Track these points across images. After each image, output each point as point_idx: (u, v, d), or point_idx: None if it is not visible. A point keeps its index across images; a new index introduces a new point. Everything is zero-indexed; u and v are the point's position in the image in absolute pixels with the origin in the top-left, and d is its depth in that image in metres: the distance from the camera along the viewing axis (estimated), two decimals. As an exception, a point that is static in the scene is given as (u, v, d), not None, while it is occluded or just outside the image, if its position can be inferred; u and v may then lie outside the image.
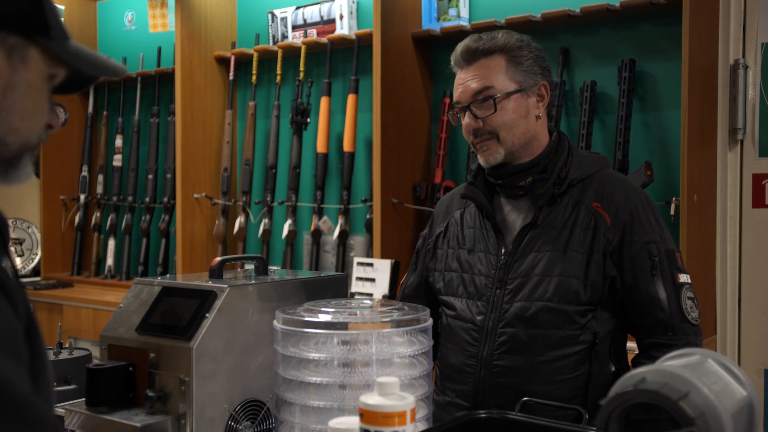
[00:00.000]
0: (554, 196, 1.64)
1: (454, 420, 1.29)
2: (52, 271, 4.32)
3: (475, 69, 1.66)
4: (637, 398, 0.90)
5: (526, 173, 1.67)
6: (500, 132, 1.65)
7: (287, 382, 1.35)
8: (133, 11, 4.30)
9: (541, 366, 1.59)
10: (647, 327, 1.62)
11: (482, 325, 1.64)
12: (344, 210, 3.30)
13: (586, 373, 1.59)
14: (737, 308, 2.61)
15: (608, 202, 1.63)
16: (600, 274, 1.59)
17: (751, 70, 2.58)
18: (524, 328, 1.60)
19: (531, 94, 1.68)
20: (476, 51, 1.66)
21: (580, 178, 1.66)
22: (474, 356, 1.65)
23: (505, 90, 1.65)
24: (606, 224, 1.61)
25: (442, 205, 1.87)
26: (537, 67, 1.69)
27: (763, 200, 2.58)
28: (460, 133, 3.07)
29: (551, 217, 1.64)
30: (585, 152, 1.74)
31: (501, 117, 1.64)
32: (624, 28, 2.73)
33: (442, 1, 3.03)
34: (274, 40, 3.56)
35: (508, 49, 1.67)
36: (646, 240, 1.61)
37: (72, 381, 1.75)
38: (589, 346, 1.59)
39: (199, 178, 3.70)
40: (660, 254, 1.61)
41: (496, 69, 1.65)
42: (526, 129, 1.67)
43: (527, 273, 1.62)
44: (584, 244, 1.60)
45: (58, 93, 0.98)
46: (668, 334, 1.59)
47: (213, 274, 1.59)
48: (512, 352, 1.61)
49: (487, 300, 1.65)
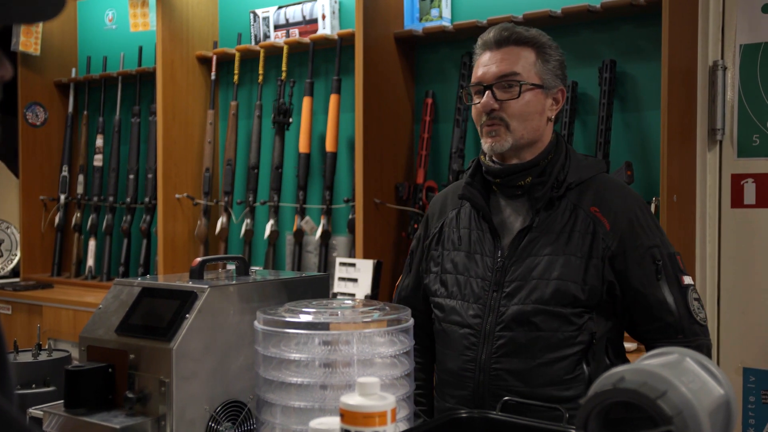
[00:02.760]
0: (552, 199, 1.64)
1: (435, 420, 1.29)
2: (32, 272, 4.28)
3: (504, 53, 1.66)
4: (615, 397, 0.90)
5: (525, 173, 1.66)
6: (513, 121, 1.64)
7: (268, 382, 1.35)
8: (114, 10, 4.27)
9: (540, 368, 1.58)
10: (657, 331, 1.61)
11: (480, 328, 1.63)
12: (326, 210, 3.29)
13: (586, 374, 1.59)
14: (716, 307, 2.63)
15: (607, 207, 1.63)
16: (598, 279, 1.59)
17: (729, 71, 2.61)
18: (522, 331, 1.59)
19: (549, 95, 1.68)
20: (509, 37, 1.66)
21: (578, 182, 1.66)
22: (473, 360, 1.63)
23: (530, 81, 1.65)
24: (605, 229, 1.60)
25: (436, 204, 1.85)
26: (560, 71, 1.70)
27: (741, 200, 2.61)
28: (443, 133, 3.10)
29: (549, 220, 1.63)
30: (582, 156, 1.73)
31: (520, 106, 1.64)
32: (605, 30, 2.75)
33: (424, 2, 3.03)
34: (256, 40, 3.55)
35: (540, 45, 1.67)
36: (648, 245, 1.61)
37: (51, 383, 1.73)
38: (587, 347, 1.59)
39: (181, 178, 3.68)
40: (663, 258, 1.62)
41: (525, 59, 1.66)
42: (538, 126, 1.66)
43: (524, 276, 1.61)
44: (583, 248, 1.59)
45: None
46: (679, 337, 1.59)
47: (194, 275, 1.58)
48: (511, 355, 1.60)
49: (483, 303, 1.63)
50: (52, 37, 4.29)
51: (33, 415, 1.50)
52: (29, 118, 4.25)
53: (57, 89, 4.36)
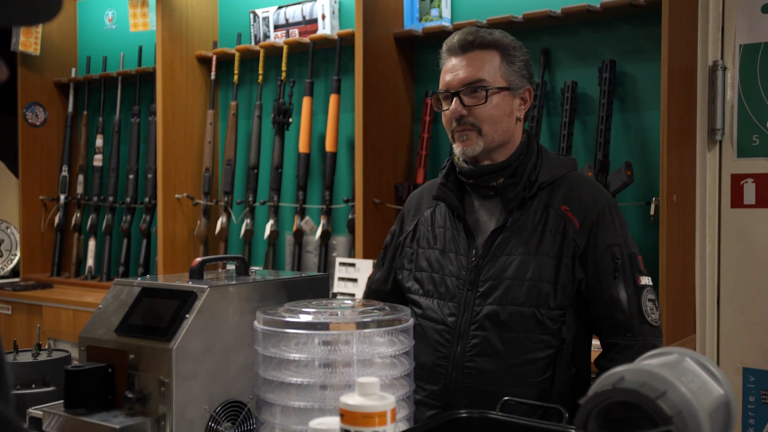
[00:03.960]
0: (524, 199, 1.66)
1: (435, 420, 1.29)
2: (32, 272, 4.28)
3: (469, 58, 1.67)
4: (615, 397, 0.90)
5: (497, 174, 1.68)
6: (483, 125, 1.66)
7: (268, 382, 1.35)
8: (114, 10, 4.27)
9: (511, 369, 1.62)
10: (608, 328, 1.65)
11: (454, 326, 1.66)
12: (326, 210, 3.29)
13: (551, 377, 1.62)
14: (716, 307, 2.63)
15: (576, 205, 1.66)
16: (569, 278, 1.62)
17: (729, 71, 2.61)
18: (496, 332, 1.62)
19: (516, 96, 1.70)
20: (474, 42, 1.67)
21: (550, 181, 1.68)
22: (446, 357, 1.66)
23: (496, 85, 1.66)
24: (575, 228, 1.63)
25: (411, 202, 1.87)
26: (525, 71, 1.71)
27: (741, 200, 2.60)
28: (443, 133, 3.10)
29: (521, 220, 1.66)
30: (554, 154, 1.76)
31: (488, 110, 1.66)
32: (604, 30, 2.75)
33: (424, 2, 3.03)
34: (256, 40, 3.55)
35: (503, 47, 1.68)
36: (609, 243, 1.64)
37: (50, 383, 1.73)
38: (556, 351, 1.62)
39: (181, 179, 3.68)
40: (623, 257, 1.65)
41: (490, 62, 1.67)
42: (508, 128, 1.69)
43: (498, 276, 1.64)
44: (554, 248, 1.62)
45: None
46: (627, 335, 1.63)
47: (193, 275, 1.58)
48: (484, 354, 1.63)
49: (458, 302, 1.66)
50: (51, 37, 4.29)
51: (33, 415, 1.50)
52: (29, 118, 4.25)
53: (57, 89, 4.36)
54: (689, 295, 2.56)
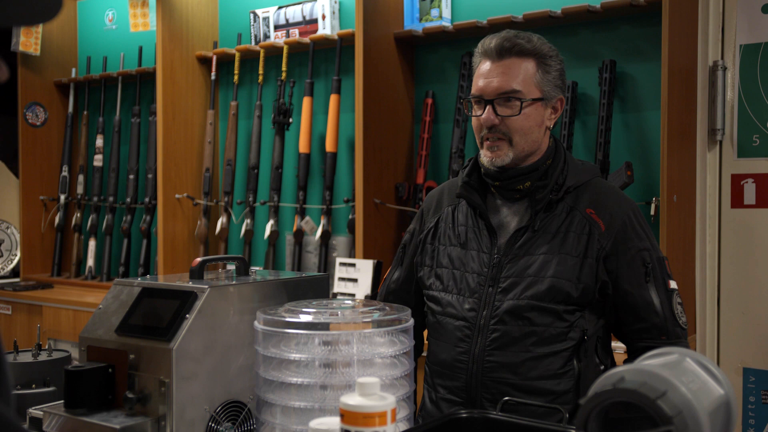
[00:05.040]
0: (552, 202, 1.67)
1: (435, 420, 1.29)
2: (32, 272, 4.28)
3: (505, 66, 1.66)
4: (615, 397, 0.90)
5: (524, 177, 1.69)
6: (515, 135, 1.66)
7: (268, 382, 1.35)
8: (114, 10, 4.27)
9: (532, 361, 1.62)
10: (641, 331, 1.66)
11: (474, 321, 1.66)
12: (326, 210, 3.29)
13: (576, 370, 1.63)
14: (716, 307, 2.63)
15: (602, 209, 1.67)
16: (592, 278, 1.62)
17: (729, 71, 2.61)
18: (516, 325, 1.63)
19: (549, 105, 1.70)
20: (511, 49, 1.66)
21: (576, 185, 1.69)
22: (466, 352, 1.66)
23: (531, 96, 1.66)
24: (600, 230, 1.64)
25: (431, 200, 1.87)
26: (560, 81, 1.71)
27: (741, 200, 2.61)
28: (443, 133, 3.10)
29: (546, 221, 1.67)
30: (579, 161, 1.77)
31: (521, 121, 1.65)
32: (604, 30, 2.75)
33: (424, 2, 3.03)
34: (256, 40, 3.55)
35: (541, 55, 1.67)
36: (639, 248, 1.66)
37: (51, 383, 1.73)
38: (578, 343, 1.63)
39: (181, 179, 3.68)
40: (652, 261, 1.66)
41: (526, 71, 1.66)
42: (537, 137, 1.69)
43: (520, 273, 1.64)
44: (578, 248, 1.63)
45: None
46: (662, 338, 1.64)
47: (193, 275, 1.58)
48: (504, 347, 1.63)
49: (479, 297, 1.67)
50: (52, 37, 4.29)
51: (33, 415, 1.50)
52: (29, 118, 4.25)
53: (57, 89, 4.36)
54: (689, 295, 2.56)
